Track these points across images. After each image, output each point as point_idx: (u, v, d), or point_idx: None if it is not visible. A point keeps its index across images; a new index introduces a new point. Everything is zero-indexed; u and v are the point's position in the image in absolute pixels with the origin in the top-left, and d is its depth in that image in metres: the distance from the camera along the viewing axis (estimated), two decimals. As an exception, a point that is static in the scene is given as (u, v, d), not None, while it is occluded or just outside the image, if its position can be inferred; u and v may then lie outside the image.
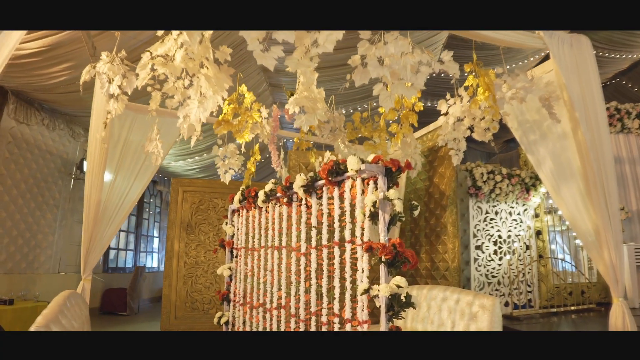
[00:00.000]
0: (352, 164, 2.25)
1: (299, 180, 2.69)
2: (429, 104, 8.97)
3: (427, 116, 5.32)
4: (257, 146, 3.87)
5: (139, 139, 4.16)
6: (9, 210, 5.26)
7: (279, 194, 3.10)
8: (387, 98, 1.92)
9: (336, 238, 2.47)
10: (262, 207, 3.41)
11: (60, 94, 5.06)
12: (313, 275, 2.62)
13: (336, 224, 2.48)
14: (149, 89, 2.93)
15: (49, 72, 4.35)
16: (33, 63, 4.26)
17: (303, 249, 2.77)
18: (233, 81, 3.80)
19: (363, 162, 2.22)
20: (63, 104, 5.53)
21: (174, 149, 8.14)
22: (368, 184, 2.27)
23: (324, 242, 2.57)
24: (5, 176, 5.24)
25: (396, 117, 2.66)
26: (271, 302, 3.07)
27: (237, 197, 3.69)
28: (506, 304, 4.96)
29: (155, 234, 10.47)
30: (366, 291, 2.11)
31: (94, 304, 7.23)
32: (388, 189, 2.17)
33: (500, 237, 5.07)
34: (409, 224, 5.70)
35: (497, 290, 4.92)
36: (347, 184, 2.43)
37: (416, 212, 2.19)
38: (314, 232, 2.69)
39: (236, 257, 3.79)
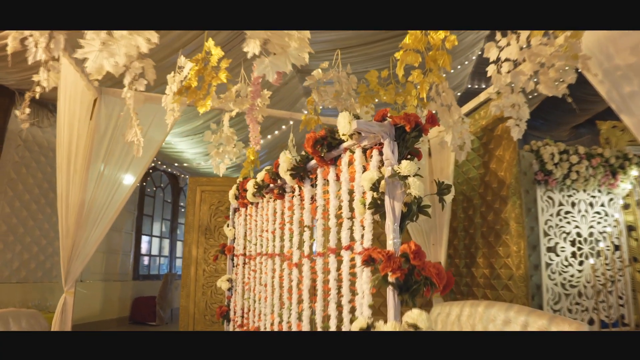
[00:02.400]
0: (342, 124, 1.44)
1: (285, 161, 1.92)
2: (477, 86, 7.83)
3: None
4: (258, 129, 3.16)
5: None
6: (20, 217, 4.98)
7: (272, 185, 2.36)
8: None
9: (332, 242, 1.68)
10: (258, 203, 2.69)
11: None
12: (305, 296, 1.84)
13: (332, 222, 1.69)
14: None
15: (36, 63, 3.93)
16: (18, 54, 3.86)
17: (295, 258, 1.99)
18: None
19: (358, 119, 1.41)
20: (73, 102, 5.17)
21: (204, 147, 7.72)
22: (371, 157, 1.46)
23: (318, 248, 1.78)
24: (16, 180, 4.96)
25: (419, 63, 1.81)
26: (265, 327, 2.33)
27: (232, 192, 3.00)
28: (590, 322, 3.85)
29: (195, 238, 10.17)
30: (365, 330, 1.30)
31: (123, 313, 6.93)
32: (400, 160, 1.35)
33: (579, 235, 3.97)
34: (462, 222, 4.73)
35: (577, 304, 3.83)
36: (344, 159, 1.63)
37: (449, 198, 1.35)
38: (307, 234, 1.91)
39: (236, 266, 3.09)
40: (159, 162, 8.01)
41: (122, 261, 7.01)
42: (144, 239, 8.01)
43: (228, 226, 3.32)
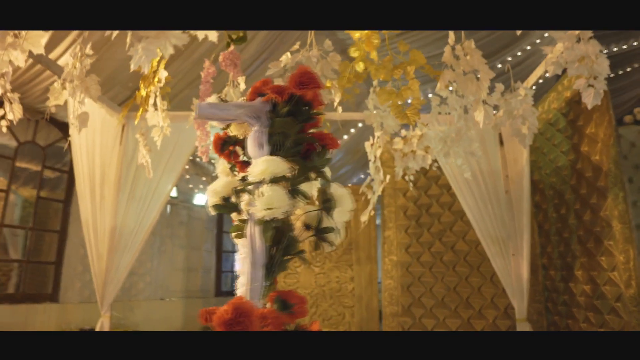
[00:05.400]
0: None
1: (220, 167, 1.50)
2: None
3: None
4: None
5: (161, 153, 3.48)
6: (98, 241, 5.33)
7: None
8: None
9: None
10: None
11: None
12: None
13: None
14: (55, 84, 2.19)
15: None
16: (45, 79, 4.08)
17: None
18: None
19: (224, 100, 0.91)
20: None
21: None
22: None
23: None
24: (92, 208, 5.33)
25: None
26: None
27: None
28: None
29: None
30: None
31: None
32: (282, 156, 0.84)
33: None
34: (554, 223, 3.75)
35: None
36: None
37: (340, 215, 0.80)
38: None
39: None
40: (236, 179, 8.17)
41: (202, 278, 7.21)
42: (230, 256, 8.20)
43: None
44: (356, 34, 1.52)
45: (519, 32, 1.62)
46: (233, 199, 0.88)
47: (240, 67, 1.80)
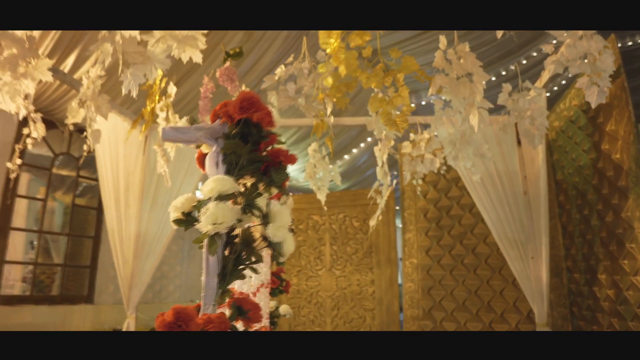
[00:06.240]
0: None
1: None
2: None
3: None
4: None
5: (180, 162, 3.64)
6: (131, 246, 5.60)
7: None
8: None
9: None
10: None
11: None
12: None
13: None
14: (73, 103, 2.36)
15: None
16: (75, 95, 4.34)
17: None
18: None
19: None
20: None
21: (302, 163, 7.75)
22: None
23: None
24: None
25: None
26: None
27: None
28: None
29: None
30: None
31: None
32: (238, 174, 0.89)
33: None
34: (578, 225, 3.62)
35: None
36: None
37: (274, 230, 0.85)
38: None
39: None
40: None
41: (231, 280, 7.42)
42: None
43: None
44: (327, 49, 1.57)
45: (499, 34, 1.60)
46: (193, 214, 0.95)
47: (237, 82, 1.88)
